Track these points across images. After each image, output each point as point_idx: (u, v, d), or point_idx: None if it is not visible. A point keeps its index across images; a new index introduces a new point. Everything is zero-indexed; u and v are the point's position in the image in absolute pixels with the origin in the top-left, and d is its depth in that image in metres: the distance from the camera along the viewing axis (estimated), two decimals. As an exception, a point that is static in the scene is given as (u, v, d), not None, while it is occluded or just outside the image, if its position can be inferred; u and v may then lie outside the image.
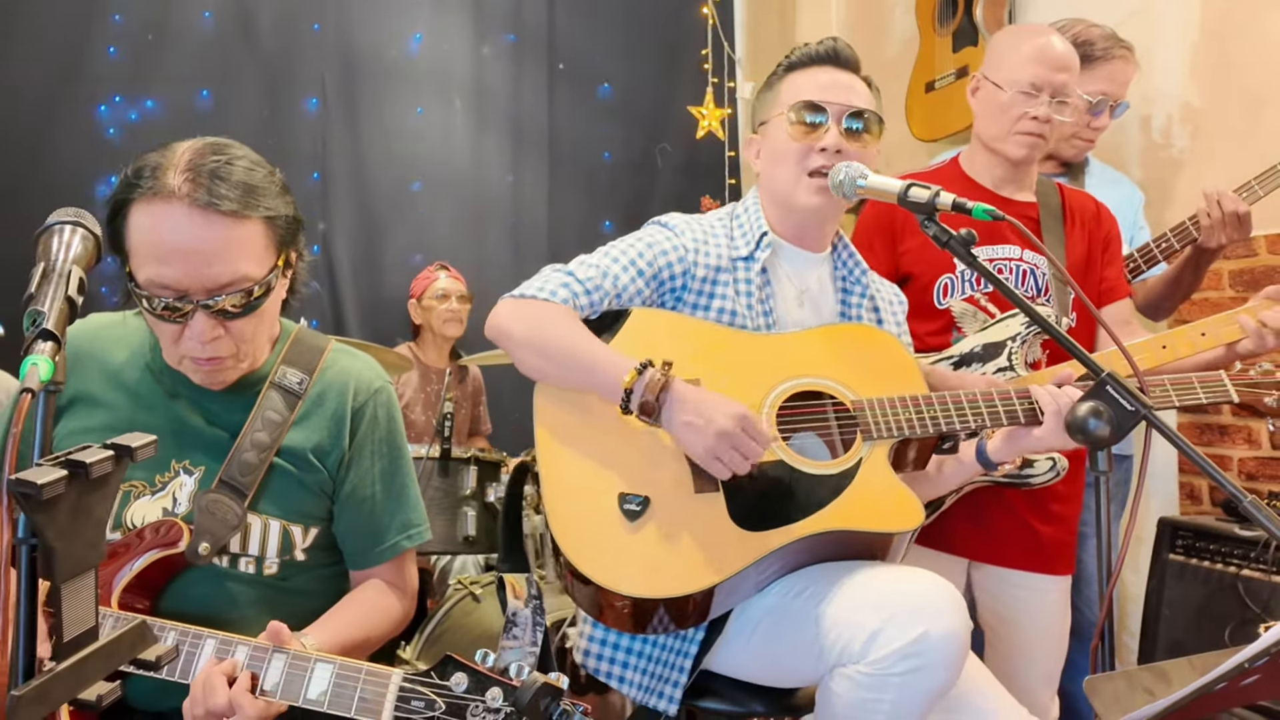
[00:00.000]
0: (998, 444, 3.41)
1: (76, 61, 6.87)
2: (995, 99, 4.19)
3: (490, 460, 5.73)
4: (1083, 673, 4.56)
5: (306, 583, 3.06)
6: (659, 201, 8.09)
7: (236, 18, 7.34)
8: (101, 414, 2.96)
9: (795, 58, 3.58)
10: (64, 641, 1.75)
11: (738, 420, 3.03)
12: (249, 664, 2.57)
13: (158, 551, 2.80)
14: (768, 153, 3.57)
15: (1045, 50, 4.15)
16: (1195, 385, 3.43)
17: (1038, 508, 4.09)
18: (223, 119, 7.15)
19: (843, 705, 2.93)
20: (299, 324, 3.22)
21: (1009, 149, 4.19)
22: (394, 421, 3.22)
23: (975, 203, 2.88)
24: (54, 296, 2.12)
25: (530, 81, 8.26)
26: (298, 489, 3.02)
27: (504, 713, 2.34)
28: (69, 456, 1.75)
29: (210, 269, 2.67)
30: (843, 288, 3.69)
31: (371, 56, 7.78)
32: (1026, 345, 3.92)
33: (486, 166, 8.16)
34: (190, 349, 2.78)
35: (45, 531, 1.70)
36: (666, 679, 3.27)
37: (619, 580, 3.04)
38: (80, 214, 2.33)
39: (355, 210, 7.73)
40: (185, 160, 2.71)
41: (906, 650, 2.81)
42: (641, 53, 8.47)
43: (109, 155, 6.82)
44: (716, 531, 3.12)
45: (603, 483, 3.19)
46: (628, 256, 3.43)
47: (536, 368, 3.32)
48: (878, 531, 3.18)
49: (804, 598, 3.12)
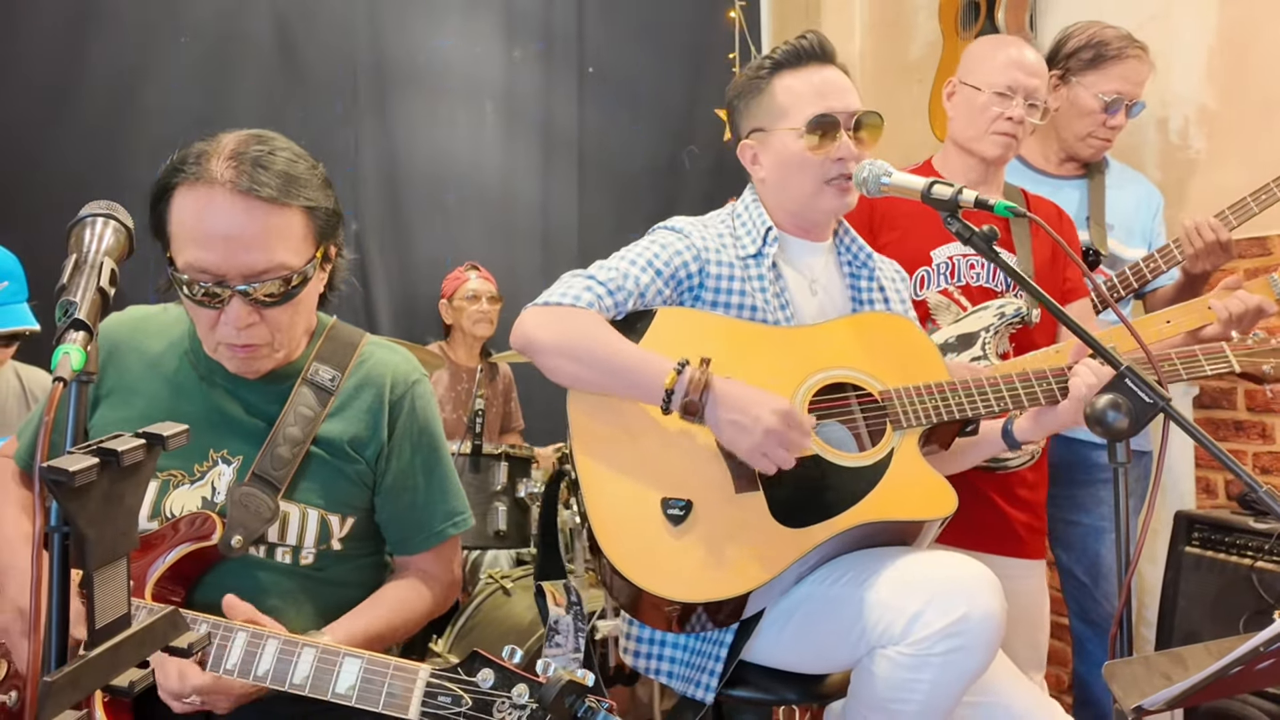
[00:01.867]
0: (1025, 423, 3.40)
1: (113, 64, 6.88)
2: (972, 101, 4.30)
3: (521, 456, 5.73)
4: (1098, 662, 4.64)
5: (342, 573, 3.04)
6: (687, 203, 8.07)
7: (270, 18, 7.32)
8: (140, 403, 2.95)
9: (781, 56, 3.56)
10: (96, 628, 1.73)
11: (783, 417, 3.01)
12: (279, 657, 2.55)
13: (191, 544, 2.79)
14: (776, 163, 3.54)
15: (1019, 57, 4.30)
16: (1200, 358, 3.41)
17: (1007, 493, 4.15)
18: (256, 124, 7.14)
19: (883, 686, 2.94)
20: (334, 319, 3.19)
21: (985, 148, 4.28)
22: (431, 413, 3.20)
23: (998, 200, 2.87)
24: (86, 287, 2.11)
25: (560, 85, 8.22)
26: (336, 478, 3.00)
27: (530, 709, 2.31)
28: (101, 445, 1.74)
29: (248, 255, 2.66)
30: (850, 273, 3.69)
31: (404, 60, 7.76)
32: (998, 336, 3.98)
33: (516, 168, 8.13)
34: (226, 335, 2.76)
35: (77, 519, 1.69)
36: (704, 668, 3.26)
37: (670, 587, 3.03)
38: (112, 206, 2.31)
39: (387, 211, 7.72)
40: (229, 148, 2.71)
41: (948, 631, 2.83)
42: (669, 56, 8.44)
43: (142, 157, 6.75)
44: (761, 530, 3.11)
45: (644, 488, 3.16)
46: (644, 258, 3.41)
47: (570, 374, 3.27)
48: (915, 520, 3.18)
49: (842, 584, 3.12)
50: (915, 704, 2.91)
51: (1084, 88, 4.80)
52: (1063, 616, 5.21)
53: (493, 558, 6.20)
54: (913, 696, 2.90)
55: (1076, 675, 5.02)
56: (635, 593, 3.07)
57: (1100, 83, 4.80)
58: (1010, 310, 3.94)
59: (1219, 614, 4.57)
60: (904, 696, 2.91)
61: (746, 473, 3.16)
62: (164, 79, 7.00)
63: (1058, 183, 4.99)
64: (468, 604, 5.53)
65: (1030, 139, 5.07)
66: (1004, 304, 3.99)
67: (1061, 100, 4.88)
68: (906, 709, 2.92)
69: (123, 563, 1.79)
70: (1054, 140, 5.01)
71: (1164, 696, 2.09)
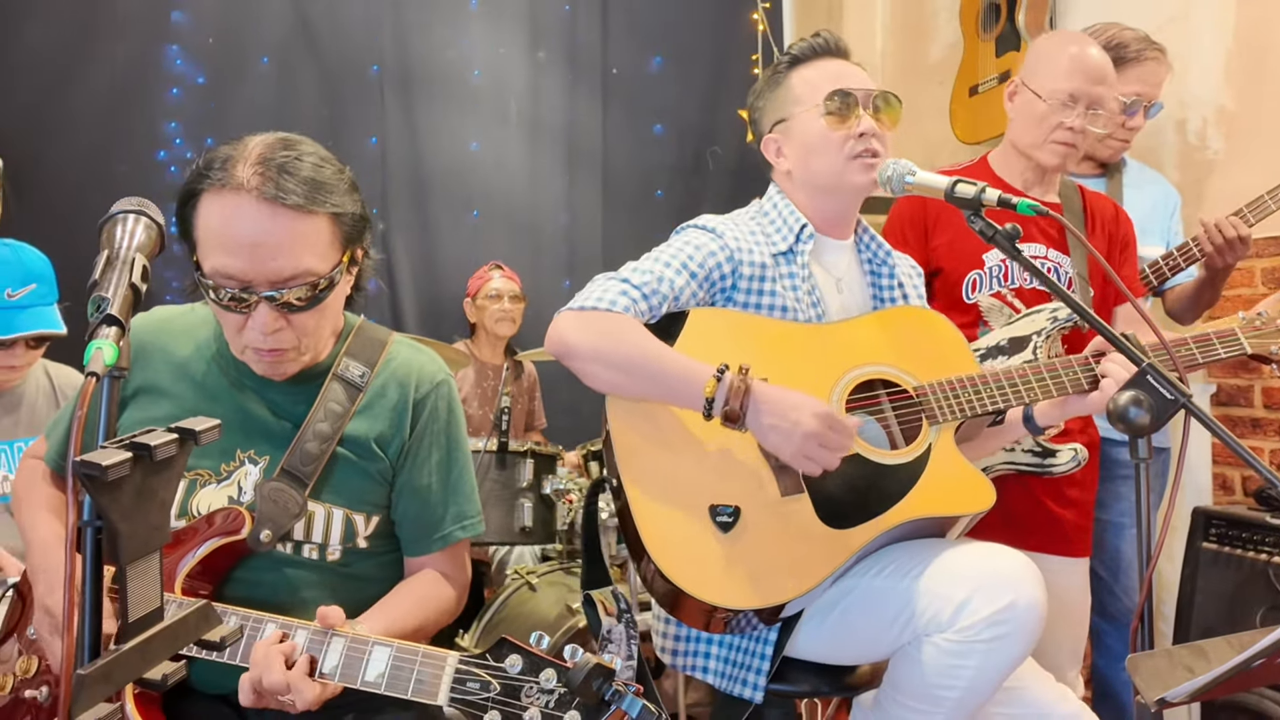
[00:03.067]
0: (1046, 409, 3.42)
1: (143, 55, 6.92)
2: (1033, 108, 4.20)
3: (546, 453, 5.72)
4: (1117, 656, 4.63)
5: (368, 569, 3.03)
6: (710, 203, 8.05)
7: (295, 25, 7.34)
8: (167, 404, 2.93)
9: (798, 52, 3.57)
10: (129, 622, 1.72)
11: (823, 419, 3.00)
12: (309, 647, 2.54)
13: (220, 539, 2.79)
14: (799, 148, 3.53)
15: (1084, 62, 4.17)
16: (1215, 342, 3.45)
17: (1056, 493, 4.14)
18: (282, 87, 7.20)
19: (928, 672, 2.96)
20: (361, 318, 3.18)
21: (1043, 156, 4.21)
22: (454, 414, 3.18)
23: (1020, 198, 2.86)
24: (118, 283, 2.10)
25: (584, 87, 8.23)
26: (360, 477, 2.98)
27: (557, 693, 2.31)
28: (134, 439, 1.73)
29: (274, 262, 2.64)
30: (871, 270, 3.68)
31: (428, 63, 7.77)
32: (1050, 340, 3.90)
33: (541, 169, 8.13)
34: (253, 340, 2.74)
35: (110, 513, 1.68)
36: (749, 666, 3.26)
37: (725, 595, 3.03)
38: (143, 203, 2.30)
39: (413, 212, 7.74)
40: (256, 154, 2.69)
41: (994, 618, 2.86)
42: (693, 58, 8.43)
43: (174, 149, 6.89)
44: (809, 533, 3.11)
45: (691, 496, 3.15)
46: (679, 260, 3.37)
47: (608, 381, 3.24)
48: (957, 515, 3.20)
49: (885, 575, 3.13)
50: (958, 690, 2.93)
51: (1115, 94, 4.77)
52: (1082, 612, 5.22)
53: (518, 554, 6.21)
54: (956, 683, 2.93)
55: (1095, 669, 5.01)
56: (684, 598, 3.06)
57: (1120, 84, 4.73)
58: (1064, 314, 3.87)
59: (1236, 609, 4.59)
60: (948, 683, 2.94)
61: (791, 476, 3.15)
62: (191, 81, 7.02)
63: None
64: (494, 599, 5.52)
65: None
66: (1057, 307, 3.92)
67: None
68: (949, 695, 2.95)
69: (155, 557, 1.78)
70: None
71: (1186, 689, 2.09)
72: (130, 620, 1.73)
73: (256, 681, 2.48)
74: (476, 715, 2.33)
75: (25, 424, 4.60)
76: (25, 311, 4.35)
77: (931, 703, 2.98)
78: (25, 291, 4.34)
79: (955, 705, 2.96)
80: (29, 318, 4.35)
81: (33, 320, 4.35)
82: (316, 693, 2.48)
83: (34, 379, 4.68)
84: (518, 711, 2.32)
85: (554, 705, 2.31)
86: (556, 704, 2.30)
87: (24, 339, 4.34)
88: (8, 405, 4.58)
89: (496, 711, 2.32)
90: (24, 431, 4.58)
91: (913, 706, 3.04)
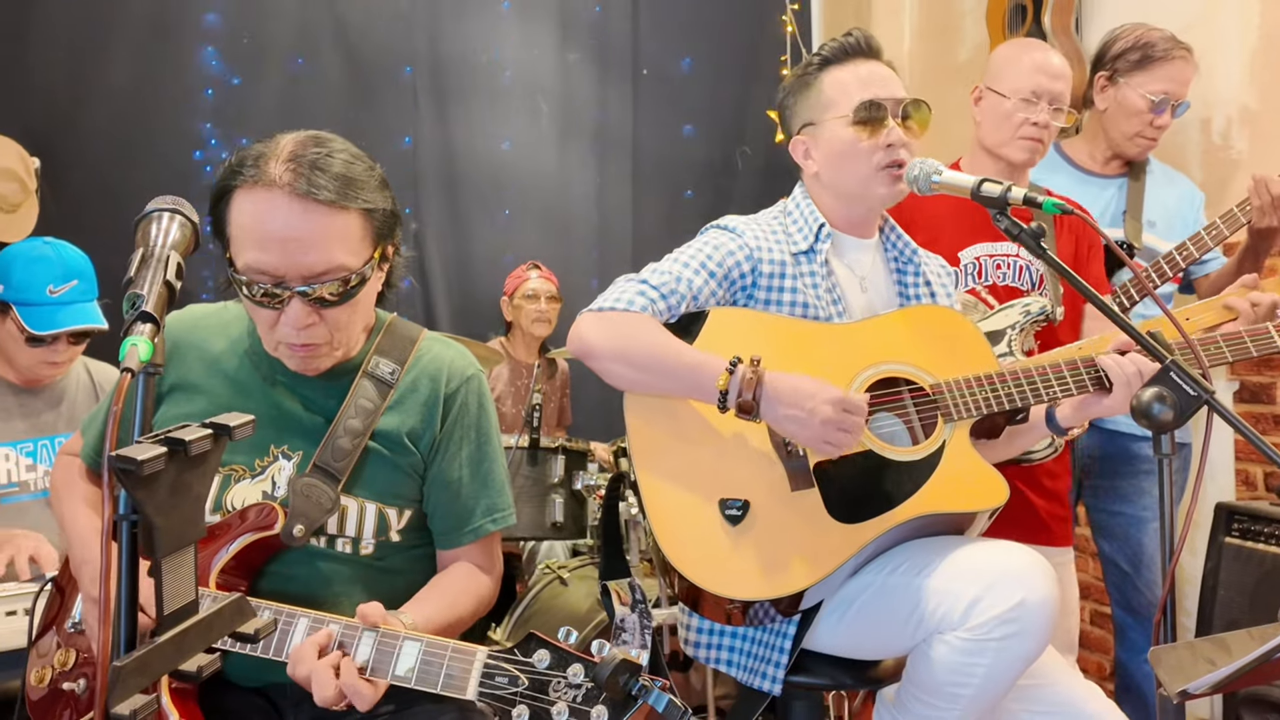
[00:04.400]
0: (1068, 411, 3.40)
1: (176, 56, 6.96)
2: (998, 107, 4.36)
3: (577, 450, 5.74)
4: (1140, 649, 4.64)
5: (401, 562, 3.03)
6: (739, 202, 8.09)
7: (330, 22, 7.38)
8: (201, 400, 2.94)
9: (829, 52, 3.56)
10: (164, 615, 1.72)
11: (836, 404, 3.01)
12: (339, 641, 2.54)
13: (254, 534, 2.79)
14: (828, 154, 3.52)
15: (1044, 62, 4.37)
16: (1246, 340, 3.43)
17: (1033, 483, 4.19)
18: (316, 88, 7.23)
19: (941, 670, 2.96)
20: (393, 315, 3.18)
21: (1011, 153, 4.33)
22: (484, 409, 3.18)
23: (1046, 197, 2.87)
24: (152, 280, 2.10)
25: (614, 87, 8.26)
26: (392, 472, 2.99)
27: (585, 688, 2.31)
28: (169, 434, 1.74)
29: (307, 257, 2.64)
30: (897, 268, 3.68)
31: (460, 64, 7.80)
32: (1023, 334, 3.99)
33: (572, 169, 8.17)
34: (285, 335, 2.75)
35: (145, 508, 1.68)
36: (768, 659, 3.27)
37: (731, 586, 3.06)
38: (178, 202, 2.31)
39: (445, 211, 7.77)
40: (288, 151, 2.69)
41: (1005, 616, 2.86)
42: (722, 59, 8.47)
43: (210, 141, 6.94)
44: (817, 527, 3.11)
45: (701, 490, 3.17)
46: (698, 260, 3.39)
47: (626, 378, 3.28)
48: (968, 511, 3.19)
49: (899, 573, 3.13)
50: (972, 687, 2.93)
51: (1132, 88, 4.80)
52: (1105, 605, 5.21)
53: (549, 548, 6.24)
54: (970, 680, 2.92)
55: (1118, 662, 5.03)
56: (697, 591, 3.09)
57: (1148, 83, 4.81)
58: (1035, 308, 3.96)
59: (1258, 603, 4.58)
60: (961, 680, 2.93)
61: (802, 471, 3.16)
62: (226, 81, 7.07)
63: (1102, 181, 5.02)
64: (525, 593, 5.57)
65: (1077, 138, 5.15)
66: (1029, 302, 4.02)
67: (1109, 101, 4.91)
68: (963, 692, 2.95)
69: (190, 550, 1.79)
70: (1101, 139, 5.02)
71: (1208, 681, 2.10)
72: (166, 613, 1.73)
73: (305, 680, 2.48)
74: (505, 709, 2.33)
75: (66, 419, 4.65)
76: (67, 307, 4.39)
77: (947, 699, 3.00)
78: (67, 288, 4.38)
79: (970, 701, 2.96)
80: (71, 313, 4.39)
81: (75, 316, 4.38)
82: (375, 694, 2.48)
83: (75, 375, 4.72)
84: (545, 706, 2.32)
85: (581, 700, 2.30)
86: (584, 698, 2.30)
87: (66, 334, 4.39)
88: (49, 400, 4.62)
89: (525, 706, 2.33)
90: (65, 427, 4.62)
91: (929, 702, 3.05)
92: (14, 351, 4.43)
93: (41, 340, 4.34)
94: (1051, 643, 3.54)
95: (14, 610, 3.54)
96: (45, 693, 2.92)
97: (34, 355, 4.41)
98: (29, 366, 4.47)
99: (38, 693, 2.94)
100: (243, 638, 1.92)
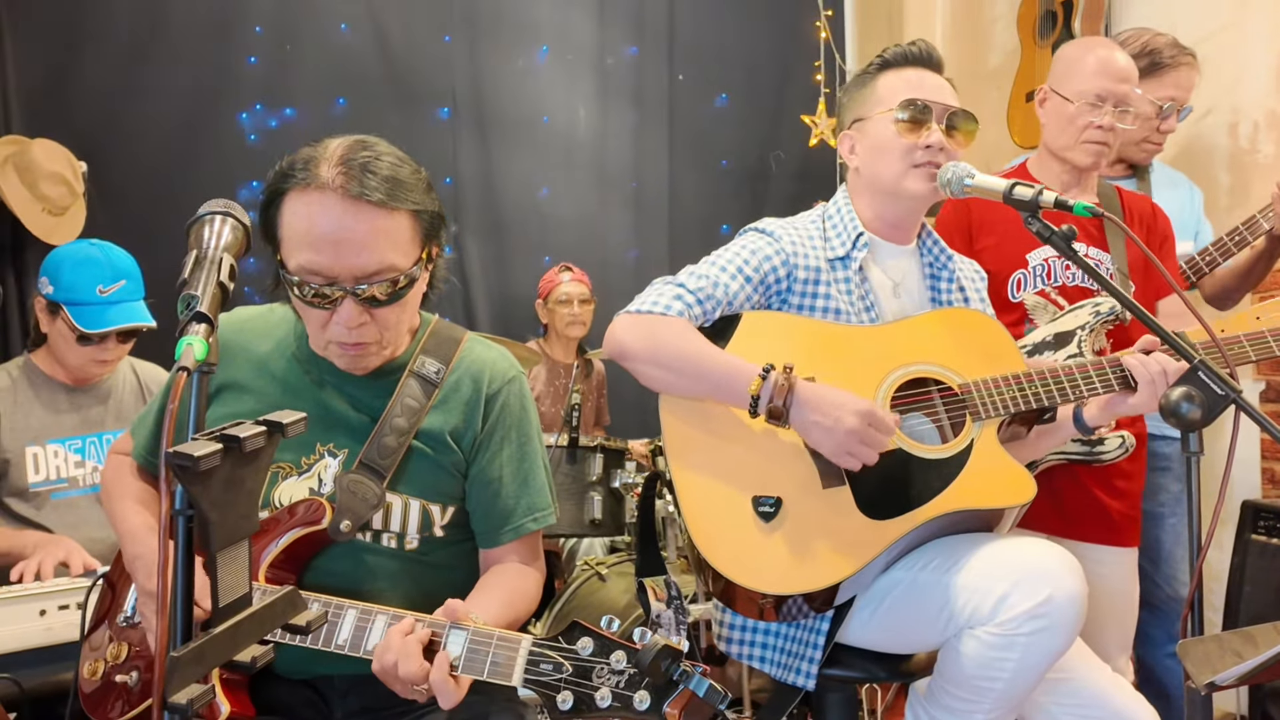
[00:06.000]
0: (1094, 411, 3.43)
1: (220, 71, 6.96)
2: (1063, 110, 4.29)
3: (615, 448, 5.73)
4: (1158, 644, 4.69)
5: (445, 557, 3.05)
6: (773, 205, 8.09)
7: (371, 30, 7.40)
8: (250, 400, 2.97)
9: (890, 56, 3.61)
10: (219, 607, 1.75)
11: (863, 416, 3.04)
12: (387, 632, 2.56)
13: (302, 529, 2.82)
14: (869, 148, 3.56)
15: (1108, 63, 4.26)
16: (1269, 339, 3.45)
17: (1105, 484, 4.14)
18: (358, 126, 7.21)
19: (971, 664, 2.97)
20: (436, 316, 3.21)
21: (1077, 157, 4.28)
22: (526, 409, 3.20)
23: (1076, 200, 2.89)
24: (206, 281, 2.13)
25: (651, 92, 8.28)
26: (435, 470, 3.00)
27: (627, 674, 2.34)
28: (224, 431, 1.76)
29: (359, 258, 2.67)
30: (930, 274, 3.69)
31: (500, 67, 7.82)
32: (1094, 334, 3.94)
33: (609, 172, 8.18)
34: (337, 334, 2.77)
35: (201, 503, 1.71)
36: (802, 655, 3.29)
37: (763, 581, 3.08)
38: (229, 205, 2.33)
39: (485, 213, 7.78)
40: (338, 154, 2.72)
41: (1034, 612, 2.86)
42: (757, 64, 8.48)
43: (251, 161, 6.92)
44: (847, 523, 3.13)
45: (735, 488, 3.19)
46: (734, 264, 3.41)
47: (661, 381, 3.32)
48: (996, 508, 3.19)
49: (930, 569, 3.14)
50: (1001, 682, 2.94)
51: (1139, 94, 4.78)
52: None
53: (588, 545, 6.26)
54: (999, 675, 2.93)
55: (1137, 657, 5.02)
56: (730, 586, 3.11)
57: (1156, 89, 4.85)
58: (1105, 308, 3.92)
59: (1285, 598, 4.58)
60: (991, 675, 2.94)
61: (833, 469, 3.17)
62: (269, 87, 7.12)
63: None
64: (564, 589, 5.59)
65: None
66: (1099, 302, 3.97)
67: None
68: (993, 686, 2.96)
69: (244, 544, 1.82)
70: None
71: (1236, 672, 2.13)
72: (220, 605, 1.76)
73: (390, 669, 2.48)
74: (550, 695, 2.36)
75: (114, 416, 4.71)
76: (116, 306, 4.45)
77: (976, 693, 3.01)
78: (116, 288, 4.44)
79: (1000, 696, 2.98)
80: (120, 312, 4.44)
81: (123, 314, 4.44)
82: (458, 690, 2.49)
83: (121, 374, 4.78)
84: (589, 692, 2.35)
85: (624, 685, 2.33)
86: (626, 684, 2.33)
87: (115, 333, 4.45)
88: (98, 397, 4.68)
89: (569, 692, 2.35)
90: (112, 424, 4.68)
91: (960, 696, 3.06)
92: (64, 350, 4.49)
93: (91, 339, 4.40)
94: (1111, 641, 3.57)
95: (66, 604, 3.58)
96: (98, 685, 2.95)
97: (84, 354, 4.47)
98: (79, 365, 4.53)
99: (90, 685, 2.97)
100: (295, 629, 1.95)
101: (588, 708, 2.35)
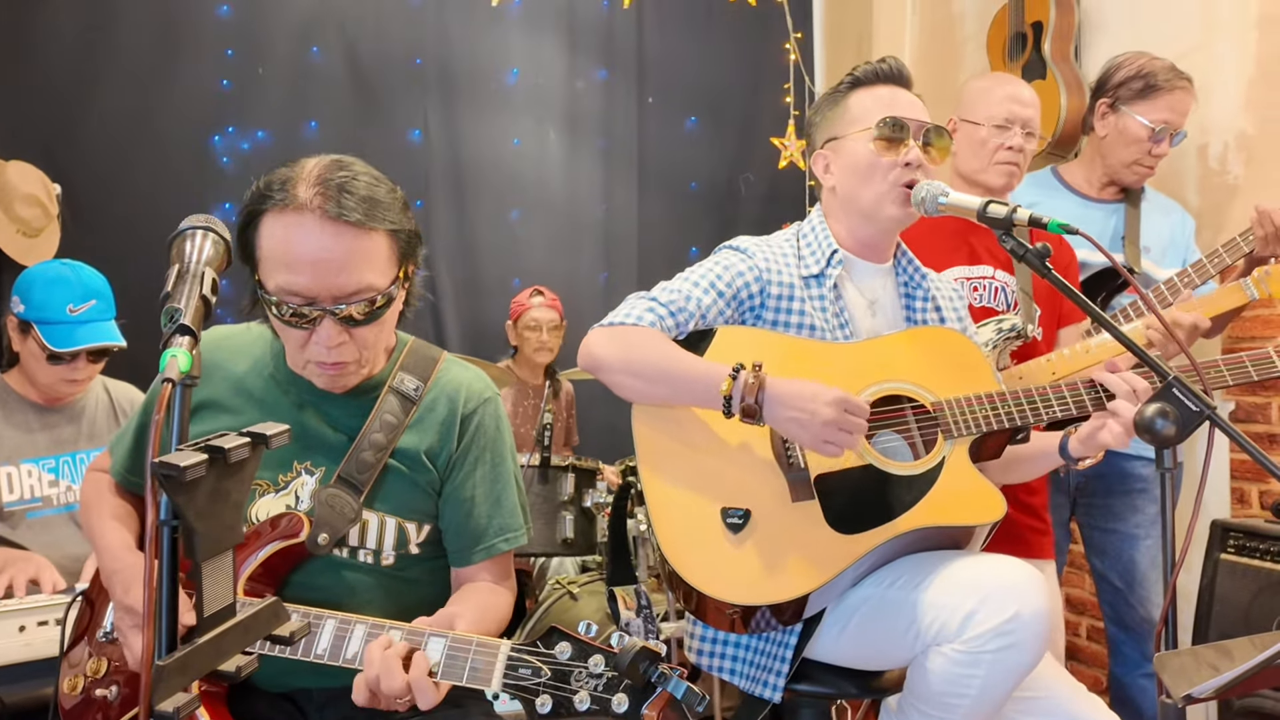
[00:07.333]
0: (1076, 444, 3.38)
1: (193, 95, 6.99)
2: (973, 135, 4.46)
3: (586, 468, 5.77)
4: (1134, 664, 4.69)
5: (422, 573, 3.07)
6: (743, 227, 7.91)
7: (343, 53, 7.44)
8: (227, 419, 2.96)
9: (861, 74, 3.60)
10: (204, 617, 1.75)
11: (837, 404, 3.03)
12: (365, 640, 2.59)
13: (280, 542, 2.83)
14: (845, 168, 3.55)
15: (1015, 91, 4.50)
16: (1247, 364, 3.48)
17: (1011, 498, 4.08)
18: (330, 149, 7.20)
19: (938, 681, 2.97)
20: (412, 338, 3.22)
21: (990, 179, 4.41)
22: (500, 430, 3.22)
23: (1050, 218, 2.89)
24: (189, 294, 2.13)
25: (621, 114, 8.32)
26: (411, 488, 3.02)
27: (606, 677, 2.37)
28: (208, 442, 1.78)
29: (338, 278, 2.68)
30: (906, 293, 3.69)
31: (470, 88, 7.86)
32: (998, 350, 4.04)
33: (580, 194, 8.23)
34: (316, 354, 2.78)
35: (186, 513, 1.72)
36: (769, 669, 3.29)
37: (728, 591, 3.08)
38: (210, 220, 2.34)
39: (456, 235, 7.82)
40: (315, 174, 2.73)
41: (1000, 629, 2.86)
42: (726, 87, 8.53)
43: (224, 183, 6.95)
44: (816, 536, 3.14)
45: (704, 499, 3.20)
46: (707, 280, 3.43)
47: (633, 389, 3.32)
48: (965, 525, 3.20)
49: (898, 586, 3.15)
50: (969, 699, 2.94)
51: (1133, 116, 4.82)
52: (1099, 621, 5.24)
53: (559, 564, 6.27)
54: (966, 691, 2.93)
55: (1113, 676, 5.06)
56: (698, 596, 3.11)
57: (1149, 112, 4.83)
58: (1007, 325, 4.02)
59: (1253, 617, 4.62)
60: (958, 691, 2.94)
61: (803, 483, 3.19)
62: (240, 107, 7.14)
63: (1101, 205, 5.04)
64: (536, 608, 5.60)
65: (1074, 163, 5.20)
66: (1002, 319, 4.07)
67: (1109, 128, 4.92)
68: (960, 703, 2.96)
69: (228, 555, 1.82)
70: (1098, 165, 5.03)
71: (1212, 685, 2.12)
72: (205, 615, 1.76)
73: (373, 682, 2.49)
74: (529, 700, 2.39)
75: (86, 435, 4.70)
76: (86, 326, 4.46)
77: (945, 710, 3.01)
78: (86, 307, 4.44)
79: (968, 712, 2.98)
80: (90, 331, 4.45)
81: (93, 334, 4.44)
82: (437, 693, 2.51)
83: (94, 393, 4.78)
84: (568, 695, 2.37)
85: (603, 688, 2.36)
86: (605, 687, 2.36)
87: (85, 352, 4.45)
88: (70, 417, 4.68)
89: (548, 695, 2.38)
90: (85, 443, 4.67)
91: (928, 713, 3.06)
92: (35, 370, 4.49)
93: (61, 358, 4.40)
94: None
95: (45, 620, 3.61)
96: (79, 700, 2.96)
97: (55, 373, 4.47)
98: (50, 384, 4.53)
99: (70, 700, 2.98)
100: (278, 640, 1.96)
101: (567, 711, 2.38)
